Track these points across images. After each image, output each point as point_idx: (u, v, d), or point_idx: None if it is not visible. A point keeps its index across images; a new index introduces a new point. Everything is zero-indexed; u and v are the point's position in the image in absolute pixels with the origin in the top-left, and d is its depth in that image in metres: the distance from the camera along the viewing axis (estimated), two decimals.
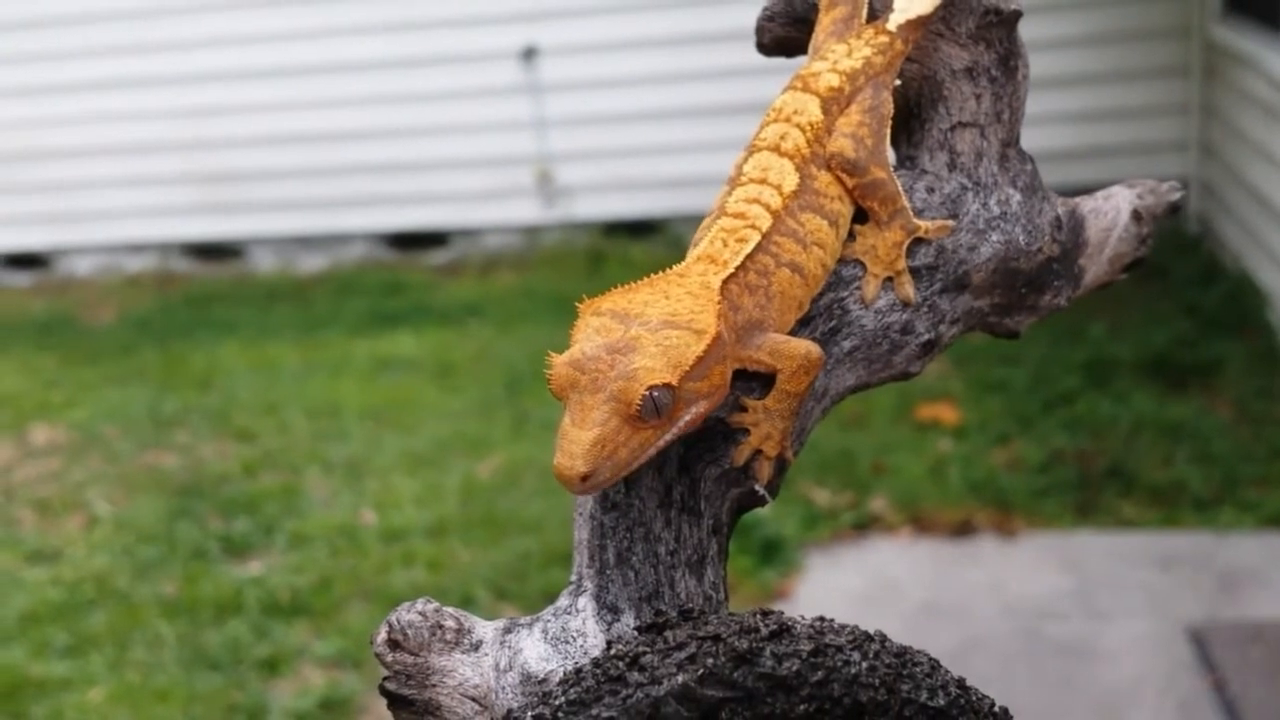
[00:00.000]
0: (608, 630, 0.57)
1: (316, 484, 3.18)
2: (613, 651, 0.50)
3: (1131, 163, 4.35)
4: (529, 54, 4.59)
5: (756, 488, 0.64)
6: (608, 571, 0.59)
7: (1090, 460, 2.97)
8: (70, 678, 2.47)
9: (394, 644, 0.57)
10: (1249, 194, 3.79)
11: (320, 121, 4.76)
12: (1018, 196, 0.71)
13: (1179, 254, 4.11)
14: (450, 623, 0.57)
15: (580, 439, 0.57)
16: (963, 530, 2.80)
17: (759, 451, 0.65)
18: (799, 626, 0.50)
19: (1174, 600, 2.49)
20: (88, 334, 4.46)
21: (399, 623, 0.57)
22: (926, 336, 0.69)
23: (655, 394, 0.57)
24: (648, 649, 0.49)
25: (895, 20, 0.71)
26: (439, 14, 4.61)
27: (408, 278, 4.71)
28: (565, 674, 0.52)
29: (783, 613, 0.51)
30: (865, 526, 2.83)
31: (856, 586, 2.65)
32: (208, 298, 4.70)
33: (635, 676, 0.48)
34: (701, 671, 0.47)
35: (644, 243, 4.60)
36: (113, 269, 5.05)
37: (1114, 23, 4.27)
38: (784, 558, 2.71)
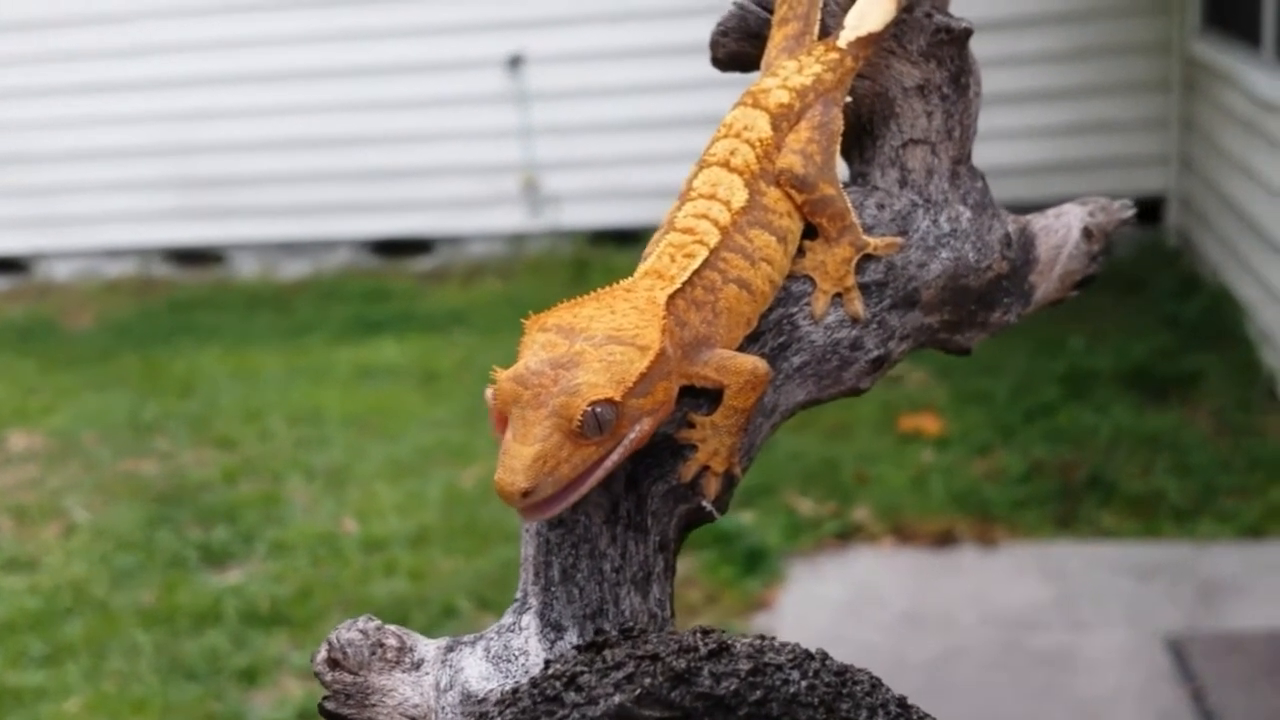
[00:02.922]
0: (550, 649, 0.57)
1: (297, 492, 3.17)
2: (550, 671, 0.50)
3: (1112, 176, 4.37)
4: (515, 62, 4.60)
5: (704, 504, 0.64)
6: (552, 589, 0.59)
7: (1070, 471, 2.98)
8: (47, 687, 2.45)
9: (334, 663, 0.56)
10: (1228, 208, 3.82)
11: (304, 127, 4.75)
12: (968, 214, 0.71)
13: (1158, 267, 4.14)
14: (392, 641, 0.57)
15: (521, 454, 0.56)
16: (944, 540, 2.80)
17: (706, 468, 0.65)
18: (739, 645, 0.50)
19: (1153, 610, 2.50)
20: (67, 339, 4.43)
21: (339, 641, 0.56)
22: (876, 353, 0.69)
23: (597, 409, 0.57)
24: (585, 668, 0.49)
25: (846, 37, 0.71)
26: (425, 21, 4.62)
27: (391, 285, 4.70)
28: (502, 694, 0.51)
29: (723, 631, 0.51)
30: (848, 536, 2.84)
31: (838, 596, 2.65)
32: (189, 304, 4.68)
33: (572, 697, 0.48)
34: (639, 691, 0.47)
35: (629, 251, 4.60)
36: (93, 274, 5.03)
37: (1095, 38, 4.30)
38: (766, 567, 2.71)
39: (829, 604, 2.61)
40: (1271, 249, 3.40)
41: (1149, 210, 4.44)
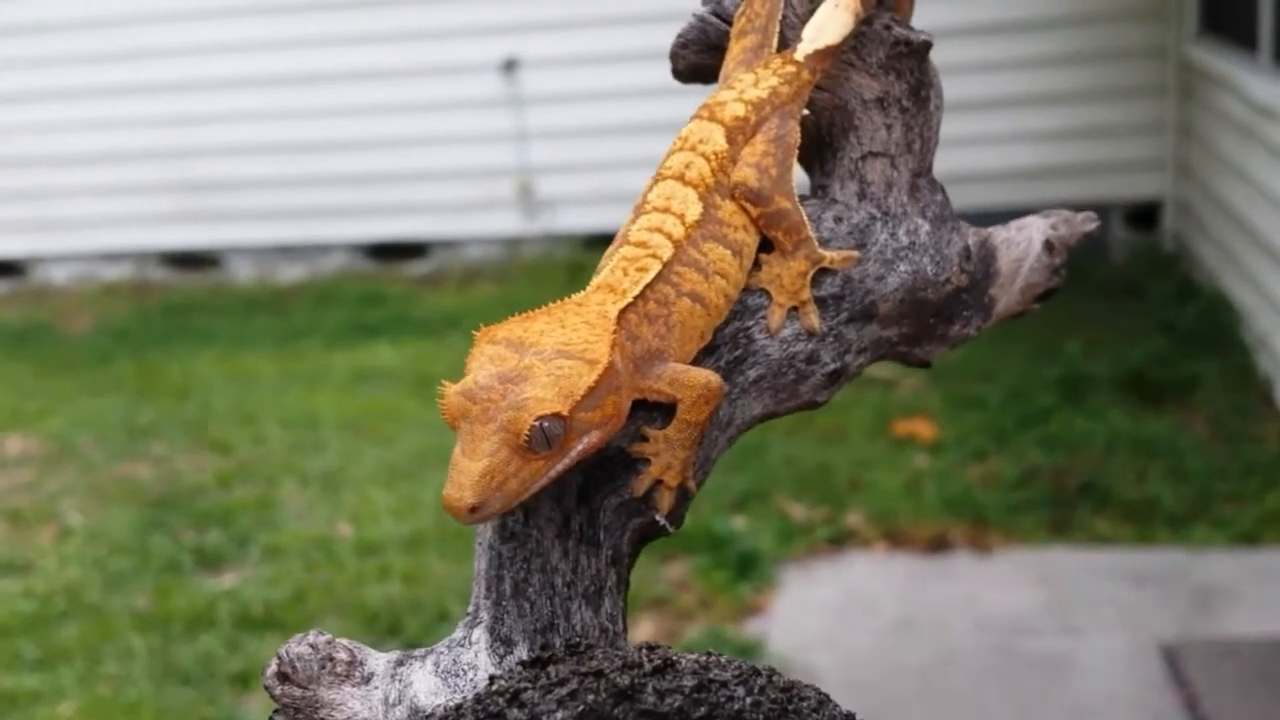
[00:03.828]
0: (500, 664, 0.57)
1: (292, 496, 3.17)
2: (494, 687, 0.50)
3: (1108, 181, 4.37)
4: (510, 66, 4.60)
5: (657, 518, 0.64)
6: (504, 603, 0.59)
7: (1065, 476, 2.98)
8: (40, 691, 2.45)
9: (283, 676, 0.56)
10: (1224, 213, 3.81)
11: (300, 131, 4.76)
12: (927, 227, 0.71)
13: (1155, 272, 4.13)
14: (342, 655, 0.57)
15: (469, 470, 0.56)
16: (938, 546, 2.80)
17: (660, 481, 0.65)
18: (684, 662, 0.50)
19: (1147, 617, 2.49)
20: (63, 343, 4.44)
21: (288, 655, 0.57)
22: (832, 366, 0.68)
23: (545, 424, 0.57)
24: (529, 685, 0.49)
25: (803, 50, 0.71)
26: (420, 25, 4.62)
27: (387, 289, 4.71)
28: (445, 710, 0.51)
29: (669, 648, 0.51)
30: (841, 541, 2.83)
31: (831, 601, 2.65)
32: (185, 307, 4.69)
33: (515, 714, 0.47)
34: (581, 708, 0.47)
35: None
36: (89, 277, 5.03)
37: (1092, 42, 4.30)
38: (759, 572, 2.71)
39: (822, 609, 2.60)
40: (1268, 254, 3.39)
41: (1146, 215, 4.44)
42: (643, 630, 2.51)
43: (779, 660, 2.38)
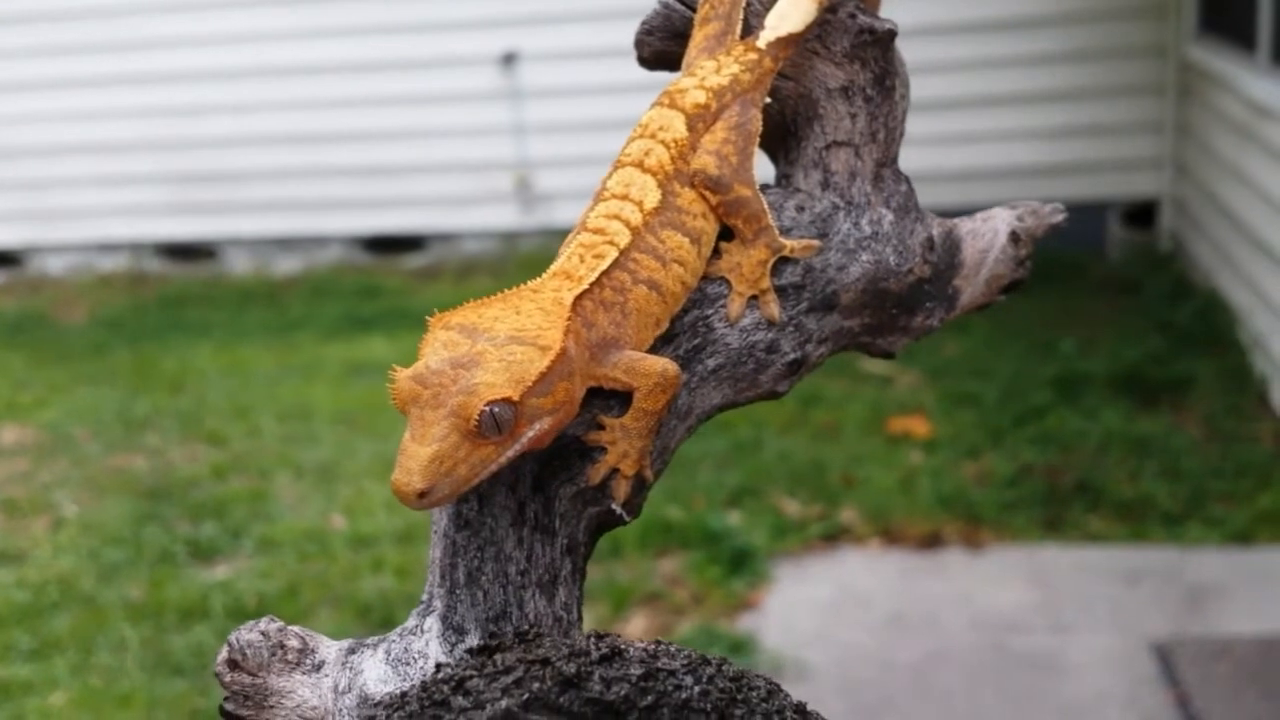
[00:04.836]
0: (450, 652, 0.56)
1: (286, 488, 3.17)
2: (440, 675, 0.50)
3: (1106, 180, 4.36)
4: (509, 59, 4.60)
5: (613, 506, 0.63)
6: (457, 591, 0.59)
7: (1059, 475, 2.97)
8: (33, 681, 2.45)
9: (233, 664, 0.56)
10: (1221, 212, 3.80)
11: (298, 123, 4.76)
12: (890, 217, 0.70)
13: (1151, 271, 4.12)
14: (294, 642, 0.56)
15: (418, 455, 0.56)
16: (931, 543, 2.79)
17: (616, 470, 0.64)
18: (632, 650, 0.49)
19: (1139, 615, 2.49)
20: (59, 334, 4.45)
21: (238, 642, 0.56)
22: (792, 356, 0.68)
23: (495, 409, 0.56)
24: (475, 672, 0.49)
25: (765, 38, 0.70)
26: (419, 18, 4.62)
27: (383, 281, 4.71)
28: (391, 698, 0.51)
29: (618, 636, 0.51)
30: (834, 538, 2.83)
31: (825, 597, 2.65)
32: (181, 299, 4.69)
33: (459, 701, 0.47)
34: (527, 696, 0.47)
35: None
36: (86, 268, 5.04)
37: (1091, 41, 4.29)
38: (753, 568, 2.71)
39: (815, 605, 2.60)
40: (1264, 254, 3.38)
41: (1143, 214, 4.43)
42: (635, 625, 2.50)
43: (772, 656, 2.38)
